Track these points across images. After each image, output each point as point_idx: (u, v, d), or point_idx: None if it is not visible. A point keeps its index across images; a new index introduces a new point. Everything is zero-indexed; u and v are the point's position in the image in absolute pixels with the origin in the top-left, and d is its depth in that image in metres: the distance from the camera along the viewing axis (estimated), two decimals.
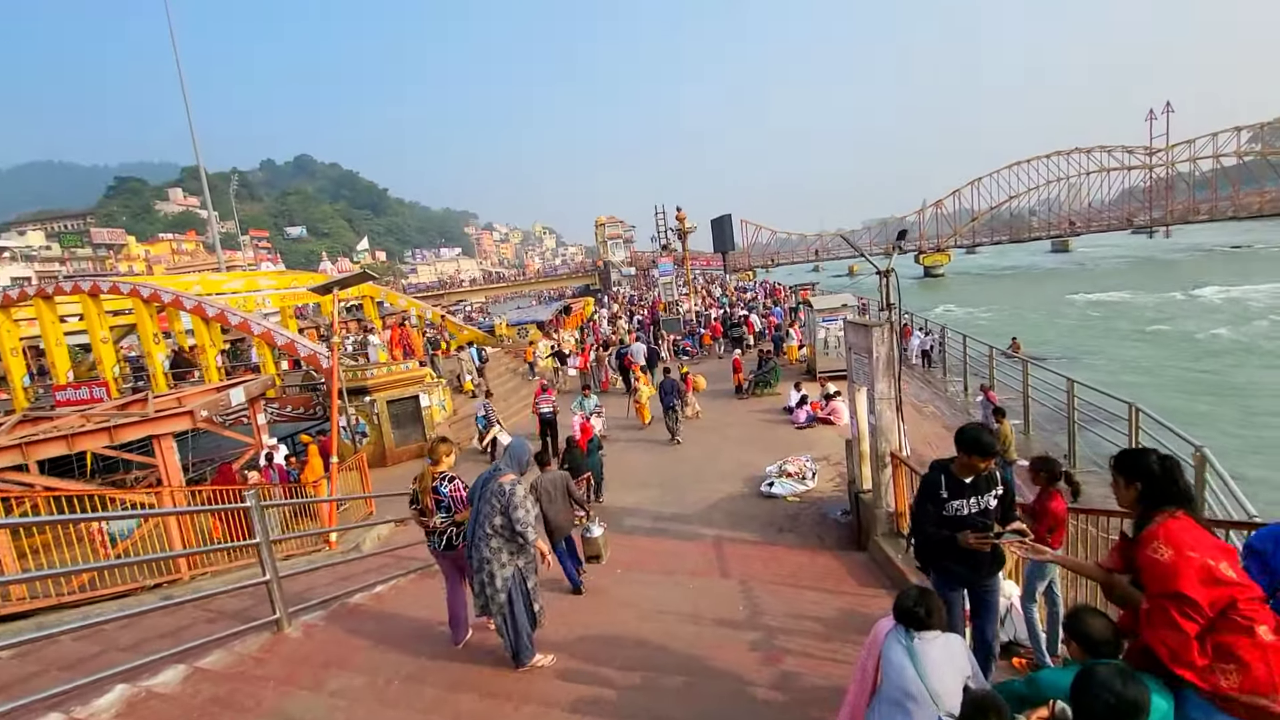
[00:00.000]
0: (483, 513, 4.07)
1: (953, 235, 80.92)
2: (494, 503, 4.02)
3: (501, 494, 4.03)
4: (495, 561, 4.03)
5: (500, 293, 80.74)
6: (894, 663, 2.67)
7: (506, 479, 4.10)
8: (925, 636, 2.66)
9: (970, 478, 3.45)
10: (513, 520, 3.99)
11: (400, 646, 4.57)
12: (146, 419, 9.28)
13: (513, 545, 4.07)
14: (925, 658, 2.61)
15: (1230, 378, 20.59)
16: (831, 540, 8.09)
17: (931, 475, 3.58)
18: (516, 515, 3.98)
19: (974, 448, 3.38)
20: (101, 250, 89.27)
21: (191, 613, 5.23)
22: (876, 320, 7.24)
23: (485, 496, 4.09)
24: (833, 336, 16.66)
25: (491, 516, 4.02)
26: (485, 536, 4.02)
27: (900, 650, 2.67)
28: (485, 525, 4.03)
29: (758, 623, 5.09)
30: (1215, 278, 45.09)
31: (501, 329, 24.72)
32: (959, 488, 3.46)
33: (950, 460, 3.55)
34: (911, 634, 2.68)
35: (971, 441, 3.39)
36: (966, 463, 3.43)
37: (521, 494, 4.07)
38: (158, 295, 17.41)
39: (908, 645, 2.66)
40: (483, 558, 4.03)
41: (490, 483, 4.12)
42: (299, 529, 9.09)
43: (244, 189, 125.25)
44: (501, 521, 4.01)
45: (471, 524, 4.17)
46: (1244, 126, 73.95)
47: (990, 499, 3.47)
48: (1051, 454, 10.58)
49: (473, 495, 4.24)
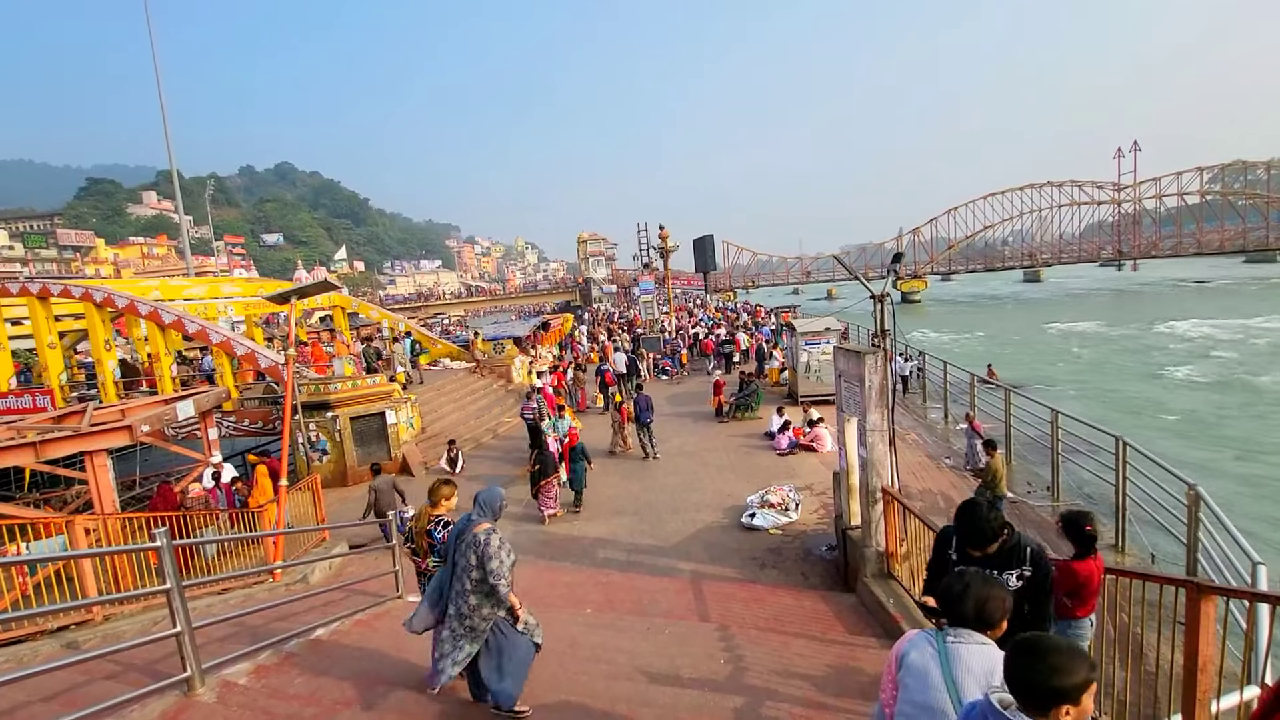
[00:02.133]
0: (459, 565, 3.85)
1: (930, 263, 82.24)
2: (470, 556, 3.78)
3: (476, 545, 3.78)
4: (476, 615, 3.81)
5: (479, 307, 79.80)
6: (915, 669, 2.11)
7: (481, 528, 3.84)
8: (963, 636, 2.12)
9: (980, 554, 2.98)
10: (488, 571, 3.74)
11: (327, 714, 3.93)
12: (78, 434, 8.50)
13: (491, 597, 3.82)
14: (959, 663, 2.05)
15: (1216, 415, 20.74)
16: (816, 578, 7.63)
17: (945, 531, 3.17)
18: (491, 566, 3.73)
19: (967, 539, 2.97)
20: (68, 252, 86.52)
21: (94, 665, 4.54)
22: (868, 348, 6.86)
23: (461, 549, 3.86)
24: (815, 360, 16.37)
25: (469, 570, 3.79)
26: (464, 593, 3.80)
27: (927, 653, 2.12)
28: (465, 579, 3.81)
29: (741, 683, 4.56)
30: (1186, 312, 46.26)
31: (478, 345, 24.02)
32: (968, 559, 2.99)
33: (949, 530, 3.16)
34: (946, 632, 2.15)
35: (967, 531, 2.96)
36: (964, 550, 3.02)
37: (497, 543, 3.79)
38: (111, 300, 16.50)
39: (938, 646, 2.12)
40: (462, 613, 3.81)
41: (466, 533, 3.86)
42: (242, 558, 8.35)
43: (221, 195, 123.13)
44: (479, 575, 3.77)
45: (449, 574, 3.93)
46: (1206, 167, 76.83)
47: (1010, 578, 2.93)
48: (1034, 484, 10.48)
49: (449, 545, 4.00)
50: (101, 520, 7.83)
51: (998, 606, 2.15)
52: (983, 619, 2.13)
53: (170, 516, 7.77)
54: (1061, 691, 1.55)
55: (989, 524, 2.90)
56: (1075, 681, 1.55)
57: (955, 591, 2.18)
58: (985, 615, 2.13)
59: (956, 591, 2.18)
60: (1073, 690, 1.55)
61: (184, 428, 12.89)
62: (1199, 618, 2.83)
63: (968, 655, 2.06)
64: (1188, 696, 2.87)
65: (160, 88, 28.55)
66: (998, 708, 1.65)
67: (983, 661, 2.04)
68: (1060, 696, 1.56)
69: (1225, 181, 77.08)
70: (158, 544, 3.89)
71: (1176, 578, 3.42)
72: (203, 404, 11.03)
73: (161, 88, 28.59)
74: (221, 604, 6.91)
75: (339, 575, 8.33)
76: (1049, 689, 1.57)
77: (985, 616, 2.13)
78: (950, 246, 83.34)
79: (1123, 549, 7.78)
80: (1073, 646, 1.67)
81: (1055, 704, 1.55)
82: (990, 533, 2.89)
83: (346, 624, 5.89)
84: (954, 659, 2.06)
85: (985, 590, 2.16)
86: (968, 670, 2.02)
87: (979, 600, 2.13)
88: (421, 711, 4.05)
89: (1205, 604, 2.85)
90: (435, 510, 4.59)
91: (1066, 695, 1.55)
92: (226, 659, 4.49)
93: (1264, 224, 72.26)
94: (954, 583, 2.22)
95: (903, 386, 18.49)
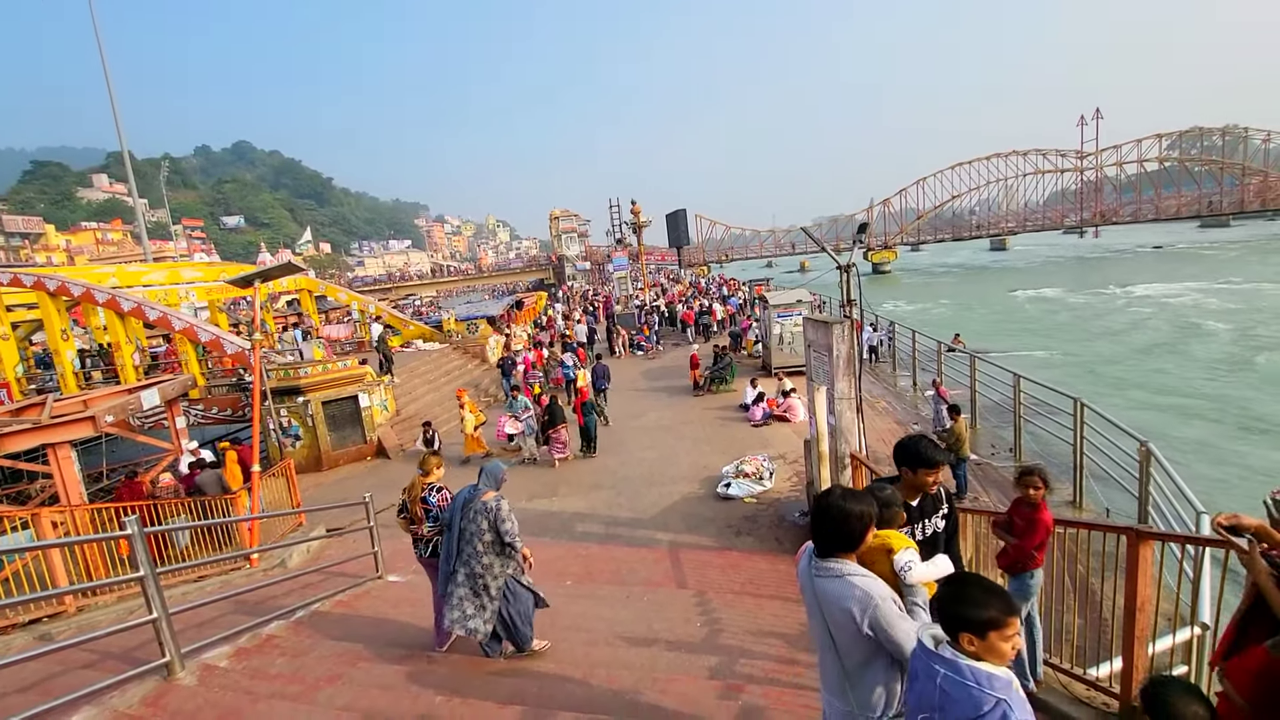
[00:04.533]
0: (469, 530, 4.30)
1: (899, 233, 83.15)
2: (480, 521, 4.26)
3: (487, 510, 4.27)
4: (489, 574, 4.28)
5: (451, 287, 78.55)
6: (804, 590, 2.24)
7: (489, 496, 4.33)
8: (825, 568, 2.14)
9: (917, 499, 2.97)
10: (502, 534, 4.26)
11: (310, 691, 4.00)
12: (38, 426, 8.28)
13: (503, 556, 4.34)
14: (826, 601, 2.13)
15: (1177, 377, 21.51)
16: (790, 543, 7.85)
17: (877, 483, 3.04)
18: (505, 528, 4.25)
19: (918, 460, 2.88)
20: (15, 239, 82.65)
21: (70, 654, 4.51)
22: (836, 318, 6.99)
23: (470, 515, 4.31)
24: (788, 332, 16.57)
25: (481, 534, 4.26)
26: (476, 554, 4.27)
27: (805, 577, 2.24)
28: (475, 542, 4.27)
29: (717, 643, 4.73)
30: (1142, 275, 47.70)
31: (450, 324, 23.77)
32: (906, 512, 2.92)
33: (893, 479, 3.03)
34: (814, 562, 2.20)
35: (914, 454, 2.88)
36: (912, 481, 2.91)
37: (506, 508, 4.31)
38: (66, 288, 15.95)
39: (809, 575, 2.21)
40: (475, 572, 4.28)
41: (474, 501, 4.33)
42: (214, 546, 8.27)
43: (177, 176, 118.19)
44: (491, 537, 4.27)
45: (454, 540, 4.36)
46: (1164, 134, 78.53)
47: (938, 520, 3.00)
48: (997, 446, 10.85)
49: (453, 513, 4.43)
50: (69, 512, 7.68)
51: (857, 524, 2.13)
52: (843, 537, 2.14)
53: (141, 505, 7.65)
54: (965, 620, 1.68)
55: (932, 447, 2.90)
56: (982, 616, 1.66)
57: (817, 511, 2.19)
58: (846, 533, 2.13)
59: (818, 509, 2.19)
60: (977, 624, 1.67)
61: (150, 417, 12.62)
62: (1138, 561, 3.03)
63: (830, 589, 2.11)
64: (1127, 635, 3.07)
65: (105, 63, 27.18)
66: (928, 645, 1.78)
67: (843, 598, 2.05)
68: (963, 624, 1.68)
69: (1183, 148, 78.98)
70: (129, 532, 3.86)
71: (1119, 525, 3.63)
72: (168, 392, 10.78)
73: (106, 63, 27.23)
74: (198, 591, 6.88)
75: (317, 559, 8.33)
76: (953, 615, 1.71)
77: (846, 535, 2.13)
78: (919, 217, 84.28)
79: (1080, 505, 8.15)
80: (994, 587, 1.79)
81: (981, 633, 1.67)
82: (935, 455, 2.87)
83: (327, 605, 5.94)
84: (821, 597, 2.13)
85: (849, 506, 2.14)
86: (831, 610, 2.09)
87: (840, 517, 2.13)
88: (401, 686, 4.13)
89: (1143, 548, 3.05)
90: (427, 479, 4.92)
91: (970, 625, 1.67)
92: (206, 643, 4.51)
93: (1218, 189, 74.36)
94: (820, 499, 2.23)
95: (872, 355, 18.85)
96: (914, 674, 1.82)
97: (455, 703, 3.77)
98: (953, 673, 1.67)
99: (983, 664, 1.66)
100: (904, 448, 2.93)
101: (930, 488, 2.94)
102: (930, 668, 1.73)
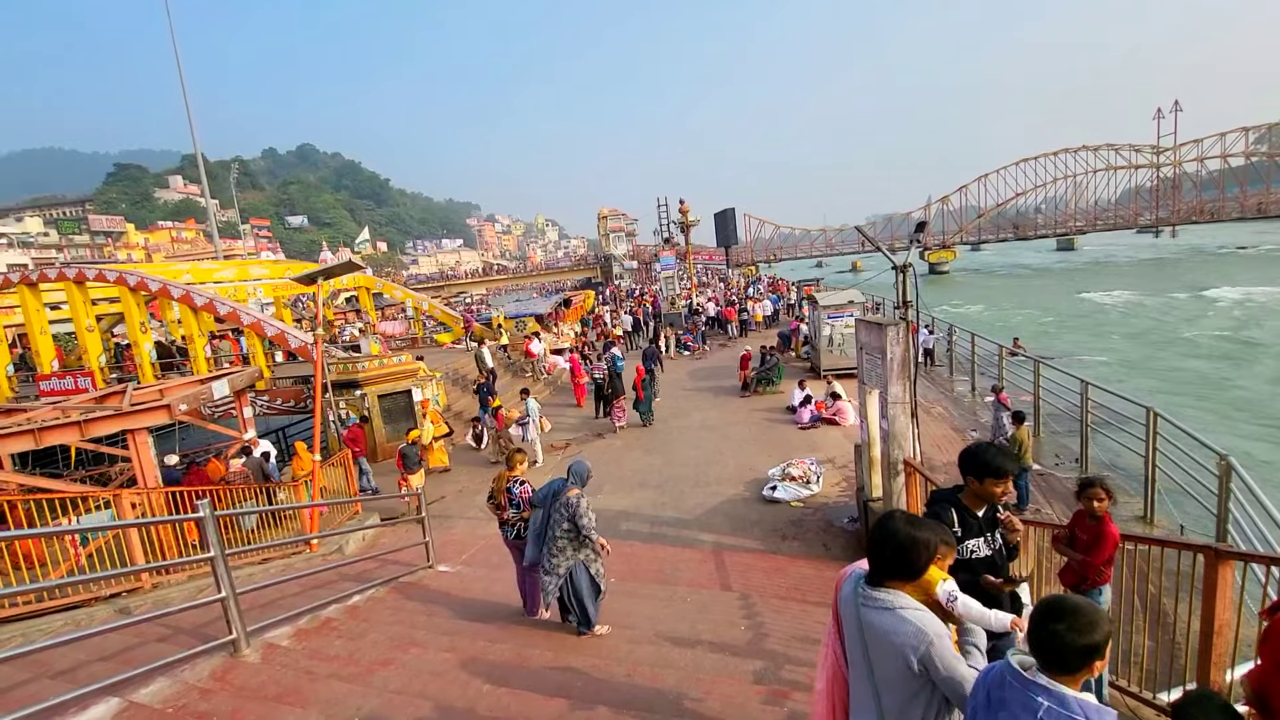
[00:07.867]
0: (553, 519, 4.94)
1: (959, 232, 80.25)
2: (563, 512, 4.88)
3: (568, 505, 4.86)
4: (561, 555, 4.88)
5: (500, 284, 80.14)
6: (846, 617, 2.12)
7: (573, 493, 4.90)
8: (876, 599, 2.00)
9: (983, 509, 2.82)
10: (579, 527, 4.85)
11: (365, 674, 4.14)
12: (120, 413, 8.83)
13: (576, 542, 4.93)
14: (870, 633, 2.01)
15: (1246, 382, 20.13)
16: (838, 549, 7.68)
17: (938, 509, 2.84)
18: (582, 523, 4.84)
19: (986, 470, 2.70)
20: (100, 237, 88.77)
21: (145, 628, 4.81)
22: (891, 319, 6.80)
23: (556, 506, 4.93)
24: (838, 334, 16.22)
25: (561, 523, 4.88)
26: (554, 539, 4.90)
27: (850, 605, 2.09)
28: (555, 529, 4.91)
29: (761, 647, 4.67)
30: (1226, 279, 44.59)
31: (498, 321, 24.24)
32: (972, 525, 2.79)
33: (956, 489, 2.87)
34: (861, 590, 2.05)
35: (982, 463, 2.71)
36: (979, 490, 2.76)
37: (585, 504, 4.90)
38: (144, 283, 16.97)
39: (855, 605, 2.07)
40: (550, 552, 4.89)
41: (560, 495, 4.93)
42: (278, 531, 8.68)
43: (245, 177, 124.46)
44: (569, 526, 4.87)
45: (542, 525, 5.03)
46: (1251, 127, 73.20)
47: (998, 536, 2.84)
48: (1062, 456, 10.32)
49: (542, 500, 5.07)
50: (145, 495, 8.19)
51: (923, 553, 2.00)
52: (904, 566, 2.01)
53: (211, 490, 8.09)
54: (1093, 648, 1.60)
55: (1001, 456, 2.74)
56: (1099, 638, 1.60)
57: (877, 535, 2.06)
58: (908, 562, 2.00)
59: (880, 533, 2.05)
60: (1102, 644, 1.60)
61: (220, 407, 13.34)
62: (1216, 582, 2.83)
63: (878, 622, 1.98)
64: (1203, 660, 2.89)
65: (181, 71, 28.87)
66: (1019, 670, 1.68)
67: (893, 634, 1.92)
68: (1092, 653, 1.60)
69: (1273, 142, 73.52)
70: (201, 514, 4.08)
71: (1196, 543, 3.40)
72: (236, 383, 11.34)
73: (183, 71, 28.91)
74: (262, 572, 7.22)
75: (372, 546, 8.63)
76: (1081, 647, 1.60)
77: (907, 564, 2.00)
78: (980, 215, 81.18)
79: (1151, 520, 7.68)
80: (1090, 603, 1.70)
81: (1088, 660, 1.59)
82: (1005, 465, 2.72)
83: (381, 591, 6.14)
84: (866, 628, 2.00)
85: (917, 533, 2.01)
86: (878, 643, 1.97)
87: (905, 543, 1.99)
88: (451, 673, 4.23)
89: (1223, 569, 2.85)
90: (512, 472, 5.70)
91: (1097, 650, 1.60)
92: (269, 623, 4.73)
93: None
94: (883, 523, 2.09)
95: (928, 359, 18.24)
96: (1000, 703, 1.69)
97: (502, 692, 3.85)
98: (1059, 705, 1.57)
99: (1087, 696, 1.58)
100: (972, 456, 2.80)
101: (998, 499, 2.80)
102: (1029, 699, 1.61)
